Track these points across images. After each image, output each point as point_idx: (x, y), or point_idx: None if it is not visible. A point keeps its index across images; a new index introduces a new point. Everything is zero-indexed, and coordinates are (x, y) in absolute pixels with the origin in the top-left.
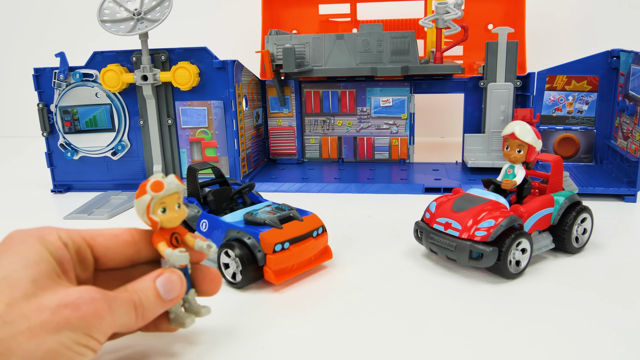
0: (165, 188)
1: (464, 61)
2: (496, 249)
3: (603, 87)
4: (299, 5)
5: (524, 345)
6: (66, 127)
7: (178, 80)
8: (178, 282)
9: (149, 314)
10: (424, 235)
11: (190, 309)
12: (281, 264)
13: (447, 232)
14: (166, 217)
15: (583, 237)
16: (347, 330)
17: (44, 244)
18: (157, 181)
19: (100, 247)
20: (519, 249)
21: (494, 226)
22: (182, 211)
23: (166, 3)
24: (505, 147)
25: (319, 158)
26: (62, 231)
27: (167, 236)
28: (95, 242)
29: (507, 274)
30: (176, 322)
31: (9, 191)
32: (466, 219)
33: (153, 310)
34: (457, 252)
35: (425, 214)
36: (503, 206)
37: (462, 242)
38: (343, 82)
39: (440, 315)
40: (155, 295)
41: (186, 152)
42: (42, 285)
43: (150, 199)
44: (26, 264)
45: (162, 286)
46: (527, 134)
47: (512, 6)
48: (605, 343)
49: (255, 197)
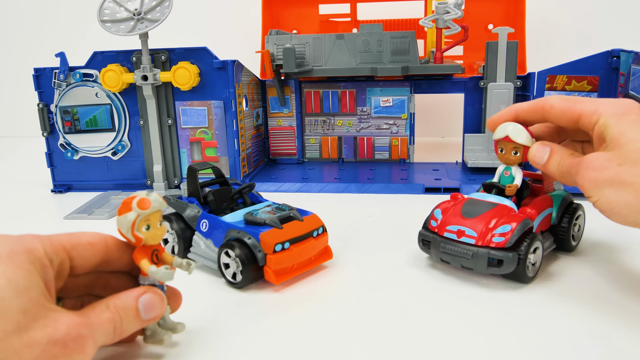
0: (151, 206)
1: (464, 61)
2: (516, 254)
3: (603, 87)
4: (299, 5)
5: (524, 345)
6: (66, 127)
7: (178, 80)
8: (159, 302)
9: (126, 333)
10: (434, 245)
11: (165, 326)
12: (281, 264)
13: (461, 240)
14: (150, 234)
15: (578, 234)
16: (347, 330)
17: (32, 261)
18: (143, 199)
19: (78, 257)
20: (533, 253)
21: (510, 231)
22: (163, 228)
23: (166, 3)
24: (499, 150)
25: (319, 158)
26: (47, 244)
27: (148, 253)
28: (74, 253)
29: (525, 279)
30: (153, 338)
31: (9, 191)
32: (479, 225)
33: (130, 329)
34: (474, 260)
35: (431, 222)
36: (512, 210)
37: (480, 249)
38: (343, 82)
39: (440, 315)
40: (135, 315)
41: (186, 152)
42: (33, 315)
43: (136, 216)
44: (17, 291)
45: (144, 306)
46: (520, 134)
47: (512, 6)
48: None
49: (255, 197)
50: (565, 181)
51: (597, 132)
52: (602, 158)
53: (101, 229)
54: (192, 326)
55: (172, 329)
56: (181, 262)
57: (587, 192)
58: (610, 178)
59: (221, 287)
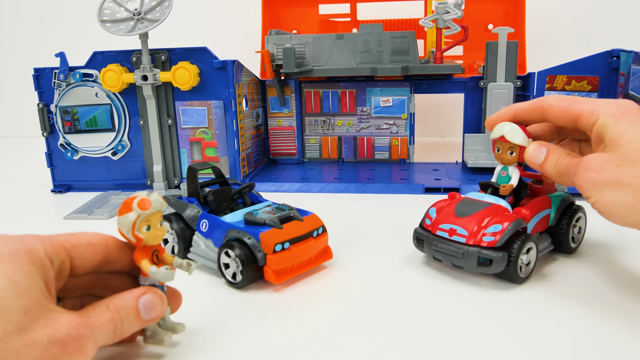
0: (152, 206)
1: (464, 61)
2: (505, 254)
3: (603, 87)
4: (299, 5)
5: (524, 345)
6: (66, 127)
7: (178, 80)
8: (160, 303)
9: (126, 333)
10: (427, 243)
11: (165, 326)
12: (281, 264)
13: (452, 239)
14: (150, 235)
15: (578, 236)
16: (347, 330)
17: (33, 261)
18: (144, 199)
19: (78, 258)
20: (526, 253)
21: (501, 231)
22: (164, 229)
23: (166, 3)
24: (496, 150)
25: (319, 158)
26: (48, 244)
27: (149, 254)
28: (75, 253)
29: (516, 279)
30: (153, 339)
31: (9, 191)
32: (471, 224)
33: (130, 329)
34: (464, 259)
35: (425, 220)
36: (506, 209)
37: (470, 248)
38: (343, 82)
39: (440, 315)
40: (136, 316)
41: (186, 152)
42: (33, 316)
43: (137, 217)
44: (17, 291)
45: (144, 306)
46: (516, 134)
47: (512, 6)
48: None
49: (255, 197)
50: (563, 182)
51: (596, 132)
52: (601, 159)
53: (101, 229)
54: (192, 326)
55: (172, 329)
56: (181, 263)
57: (585, 193)
58: (609, 179)
59: (221, 287)
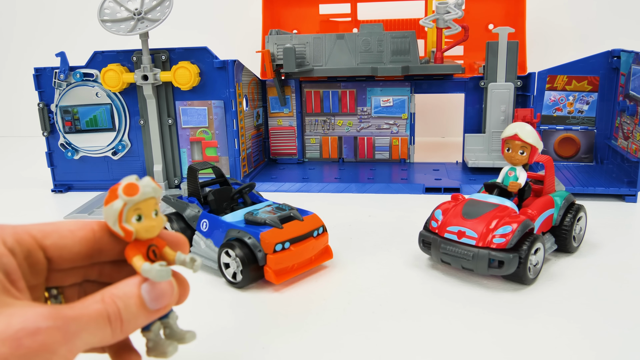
0: (140, 192)
1: (464, 61)
2: (517, 256)
3: (603, 87)
4: (299, 5)
5: (525, 346)
6: (66, 127)
7: (178, 80)
8: (168, 288)
9: (129, 327)
10: (434, 246)
11: (171, 335)
12: (281, 264)
13: (461, 241)
14: (142, 226)
15: (579, 236)
16: (347, 330)
17: None
18: (130, 183)
19: (53, 248)
20: (535, 254)
21: (511, 232)
22: (160, 219)
23: (166, 3)
24: (506, 149)
25: (319, 158)
26: (8, 234)
27: (143, 249)
28: (48, 242)
29: (526, 280)
30: (156, 351)
31: (9, 191)
32: (480, 226)
33: (134, 322)
34: (474, 262)
35: (432, 223)
36: (513, 210)
37: (480, 250)
38: (343, 82)
39: (441, 315)
40: (139, 305)
41: (186, 152)
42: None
43: (123, 205)
44: None
45: (148, 293)
46: (530, 135)
47: (513, 6)
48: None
49: (255, 197)
50: None
51: None
52: None
53: None
54: (191, 326)
55: (180, 339)
56: (185, 259)
57: None
58: None
59: (221, 287)
